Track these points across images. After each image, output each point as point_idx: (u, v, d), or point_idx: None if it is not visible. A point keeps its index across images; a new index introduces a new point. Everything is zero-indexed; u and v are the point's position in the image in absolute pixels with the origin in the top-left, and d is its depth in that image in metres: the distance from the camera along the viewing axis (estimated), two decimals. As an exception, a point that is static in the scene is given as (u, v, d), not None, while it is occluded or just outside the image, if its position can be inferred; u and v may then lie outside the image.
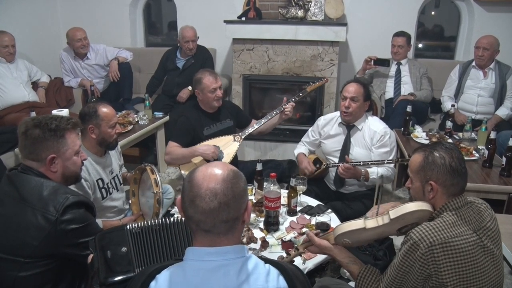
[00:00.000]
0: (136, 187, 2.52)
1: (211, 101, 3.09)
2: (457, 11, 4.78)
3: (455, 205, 1.50)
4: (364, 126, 2.88)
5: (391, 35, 4.24)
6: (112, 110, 2.41)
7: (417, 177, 1.57)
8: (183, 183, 1.16)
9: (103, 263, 1.39)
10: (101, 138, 2.35)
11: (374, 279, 1.61)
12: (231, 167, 1.16)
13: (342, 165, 2.70)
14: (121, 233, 1.50)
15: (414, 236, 1.44)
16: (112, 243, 1.46)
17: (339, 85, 4.48)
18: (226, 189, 1.10)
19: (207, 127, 3.16)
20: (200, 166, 1.18)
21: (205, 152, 2.99)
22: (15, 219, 1.57)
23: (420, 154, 1.57)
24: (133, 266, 1.43)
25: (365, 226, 1.59)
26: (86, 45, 4.35)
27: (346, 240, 1.65)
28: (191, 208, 1.10)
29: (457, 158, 1.51)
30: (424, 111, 4.15)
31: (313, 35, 4.13)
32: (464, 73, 3.99)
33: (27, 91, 4.03)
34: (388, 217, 1.55)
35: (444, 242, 1.41)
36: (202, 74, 3.11)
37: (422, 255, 1.41)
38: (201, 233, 1.12)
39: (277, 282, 1.13)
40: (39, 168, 1.68)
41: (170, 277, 1.11)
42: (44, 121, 1.68)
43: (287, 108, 3.19)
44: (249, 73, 4.43)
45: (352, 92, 2.79)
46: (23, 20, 4.64)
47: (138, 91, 4.84)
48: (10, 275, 1.55)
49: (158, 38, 5.70)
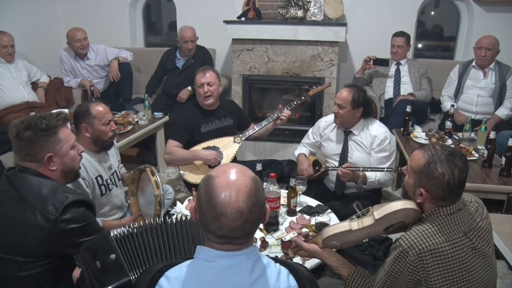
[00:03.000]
0: (134, 187, 2.52)
1: (200, 96, 3.09)
2: (457, 11, 4.79)
3: (447, 212, 1.46)
4: (361, 131, 2.88)
5: (390, 35, 4.24)
6: (105, 107, 2.40)
7: (412, 175, 1.52)
8: (199, 193, 1.12)
9: (95, 274, 1.38)
10: (96, 136, 2.34)
11: (363, 281, 1.61)
12: (249, 175, 1.12)
13: (341, 170, 2.71)
14: (106, 241, 1.50)
15: (403, 243, 1.43)
16: (99, 252, 1.46)
17: (339, 86, 4.49)
18: (252, 205, 1.08)
19: (205, 124, 3.15)
20: (215, 174, 1.12)
21: (206, 157, 2.99)
22: (14, 218, 1.56)
23: (423, 156, 1.48)
24: (125, 270, 1.42)
25: (351, 228, 1.58)
26: (86, 46, 4.35)
27: (334, 243, 1.65)
28: (214, 225, 1.07)
29: (458, 175, 1.42)
30: (423, 111, 4.15)
31: (312, 35, 4.13)
32: (464, 73, 3.99)
33: (26, 91, 4.03)
34: (373, 218, 1.54)
35: (433, 249, 1.40)
36: (198, 70, 3.15)
37: (411, 262, 1.41)
38: (221, 242, 1.10)
39: (287, 281, 1.14)
40: (38, 168, 1.67)
41: (182, 274, 1.11)
42: (34, 122, 1.65)
43: (284, 115, 3.18)
44: (248, 73, 4.43)
45: (340, 99, 2.79)
46: (23, 20, 4.64)
47: (138, 91, 4.84)
48: (10, 275, 1.54)
49: (158, 38, 5.70)
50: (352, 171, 2.70)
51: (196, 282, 1.09)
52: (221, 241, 1.10)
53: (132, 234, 1.55)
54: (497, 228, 1.97)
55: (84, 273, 1.41)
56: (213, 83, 3.08)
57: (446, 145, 1.55)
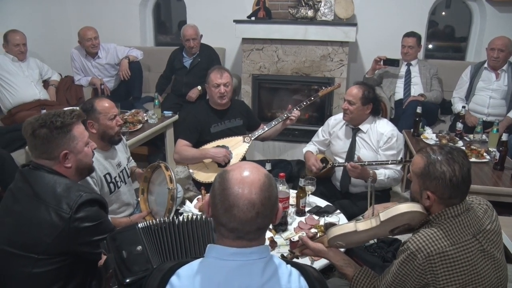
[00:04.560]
0: (145, 185, 2.53)
1: (214, 96, 3.06)
2: (469, 11, 4.74)
3: (453, 213, 1.45)
4: (369, 129, 2.87)
5: (401, 36, 4.21)
6: (110, 102, 2.40)
7: (416, 180, 1.52)
8: (213, 187, 1.14)
9: (120, 263, 1.40)
10: (102, 131, 2.34)
11: (369, 281, 1.61)
12: (263, 172, 1.15)
13: (350, 163, 2.70)
14: (133, 232, 1.51)
15: (411, 246, 1.42)
16: (126, 243, 1.47)
17: (349, 86, 4.45)
18: (264, 198, 1.09)
19: (215, 124, 3.14)
20: (230, 168, 1.15)
21: (216, 156, 2.98)
22: (29, 215, 1.58)
23: (422, 159, 1.49)
24: (151, 264, 1.43)
25: (356, 229, 1.58)
26: (96, 45, 4.37)
27: (339, 243, 1.65)
28: (225, 217, 1.09)
29: (459, 171, 1.42)
30: (434, 112, 4.12)
31: (322, 35, 4.12)
32: (476, 75, 3.95)
33: (38, 89, 4.06)
34: (379, 219, 1.54)
35: (441, 252, 1.39)
36: (212, 69, 3.13)
37: (419, 265, 1.40)
38: (233, 238, 1.11)
39: (298, 282, 1.14)
40: (53, 166, 1.69)
41: (193, 272, 1.11)
42: (49, 120, 1.67)
43: (293, 115, 3.16)
44: (258, 73, 4.43)
45: (349, 95, 2.82)
46: (35, 19, 4.68)
47: (148, 90, 4.86)
48: (24, 272, 1.56)
49: (168, 38, 5.71)
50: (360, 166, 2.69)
51: (208, 281, 1.09)
52: (232, 235, 1.11)
53: (159, 227, 1.55)
54: (508, 231, 1.95)
55: (109, 260, 1.43)
56: (229, 83, 3.08)
57: (444, 144, 1.56)
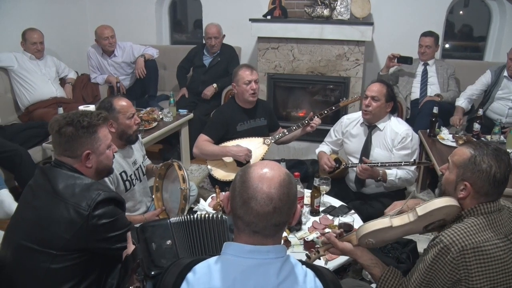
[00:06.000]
0: (160, 182, 2.54)
1: (245, 93, 3.03)
2: (488, 10, 4.66)
3: (487, 210, 1.44)
4: (386, 127, 2.83)
5: (418, 35, 4.16)
6: (128, 101, 2.41)
7: (455, 170, 1.50)
8: (234, 180, 1.17)
9: (147, 255, 1.42)
10: (121, 130, 2.36)
11: (397, 281, 1.58)
12: (285, 170, 1.17)
13: (360, 166, 2.68)
14: (164, 226, 1.54)
15: (444, 240, 1.39)
16: (156, 236, 1.49)
17: (364, 85, 4.43)
18: (282, 194, 1.11)
19: (241, 122, 3.12)
20: (253, 164, 1.18)
21: (237, 154, 2.96)
22: (48, 212, 1.60)
23: (469, 150, 1.48)
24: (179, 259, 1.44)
25: (392, 224, 1.53)
26: (113, 44, 4.42)
27: (370, 240, 1.59)
28: (243, 209, 1.11)
29: (504, 169, 1.43)
30: (450, 112, 4.06)
31: (339, 34, 4.10)
32: (496, 83, 3.83)
33: (55, 87, 4.11)
34: (416, 214, 1.49)
35: (476, 246, 1.37)
36: (239, 67, 3.12)
37: (453, 259, 1.37)
38: (249, 233, 1.12)
39: (314, 283, 1.14)
40: (74, 164, 1.72)
41: (209, 269, 1.12)
42: (76, 119, 1.70)
43: (314, 123, 3.10)
44: (273, 71, 4.42)
45: (373, 91, 2.76)
46: (52, 17, 4.74)
47: (163, 88, 4.89)
48: (42, 267, 1.58)
49: (183, 36, 5.75)
50: (371, 167, 2.66)
51: (224, 278, 1.09)
52: (248, 229, 1.12)
53: (189, 224, 1.57)
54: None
55: (137, 251, 1.44)
56: (258, 80, 3.09)
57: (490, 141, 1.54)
